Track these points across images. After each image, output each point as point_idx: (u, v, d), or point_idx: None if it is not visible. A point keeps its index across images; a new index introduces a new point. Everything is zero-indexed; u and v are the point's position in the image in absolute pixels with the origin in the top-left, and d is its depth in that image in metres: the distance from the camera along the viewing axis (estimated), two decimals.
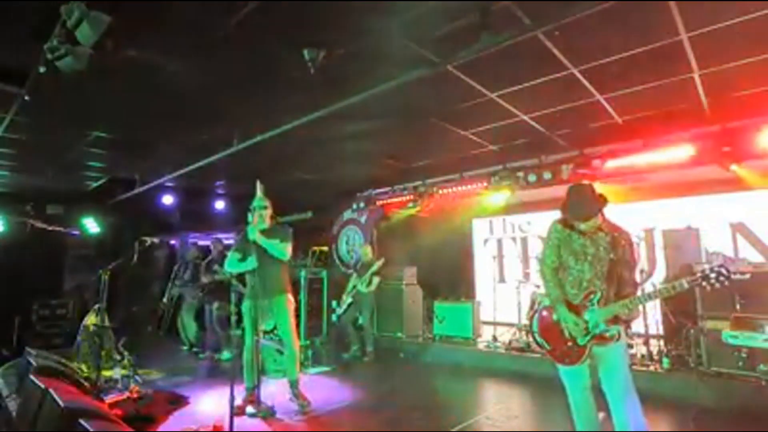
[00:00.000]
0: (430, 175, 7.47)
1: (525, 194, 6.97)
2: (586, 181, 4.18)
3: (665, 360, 4.91)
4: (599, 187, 2.99)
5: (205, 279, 6.88)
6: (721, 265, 2.53)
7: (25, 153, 5.96)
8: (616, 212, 2.85)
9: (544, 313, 3.01)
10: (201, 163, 5.85)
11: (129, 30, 2.91)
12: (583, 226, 2.80)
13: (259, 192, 4.44)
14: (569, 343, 2.80)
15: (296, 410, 4.18)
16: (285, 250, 4.28)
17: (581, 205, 2.79)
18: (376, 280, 6.79)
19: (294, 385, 4.32)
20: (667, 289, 2.64)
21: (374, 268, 6.76)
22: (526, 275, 8.07)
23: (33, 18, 2.82)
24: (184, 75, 3.76)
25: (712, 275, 2.51)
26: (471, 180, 7.08)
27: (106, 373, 5.13)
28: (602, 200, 2.78)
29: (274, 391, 4.57)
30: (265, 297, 4.20)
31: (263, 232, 4.23)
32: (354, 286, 6.90)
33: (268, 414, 4.08)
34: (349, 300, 6.86)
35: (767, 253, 6.14)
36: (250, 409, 4.17)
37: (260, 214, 4.29)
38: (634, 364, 4.86)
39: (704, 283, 2.54)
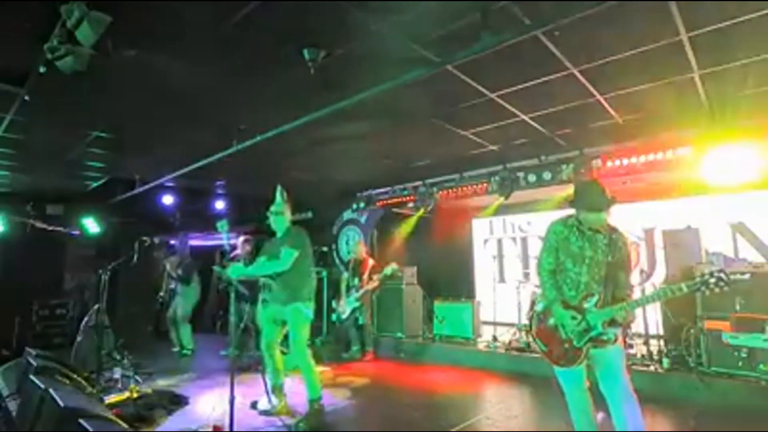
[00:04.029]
0: (430, 175, 7.48)
1: (525, 194, 6.97)
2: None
3: (665, 360, 4.91)
4: None
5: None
6: (720, 270, 2.53)
7: (25, 153, 5.96)
8: (616, 212, 2.84)
9: (542, 314, 3.01)
10: (201, 163, 5.85)
11: (129, 30, 2.91)
12: (591, 217, 2.77)
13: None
14: (566, 345, 2.80)
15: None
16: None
17: (591, 196, 2.77)
18: (376, 276, 6.78)
19: (310, 403, 4.00)
20: (665, 293, 2.64)
21: (387, 272, 6.71)
22: (526, 275, 8.07)
23: (33, 18, 2.82)
24: (184, 75, 3.76)
25: (712, 280, 2.51)
26: (471, 180, 7.08)
27: (106, 373, 5.14)
28: (612, 197, 2.76)
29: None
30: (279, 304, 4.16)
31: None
32: (348, 285, 6.88)
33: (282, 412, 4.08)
34: (354, 304, 6.75)
35: (767, 253, 6.14)
36: (261, 406, 4.19)
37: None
38: (634, 364, 4.87)
39: (703, 288, 2.53)
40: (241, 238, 7.08)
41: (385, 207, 8.37)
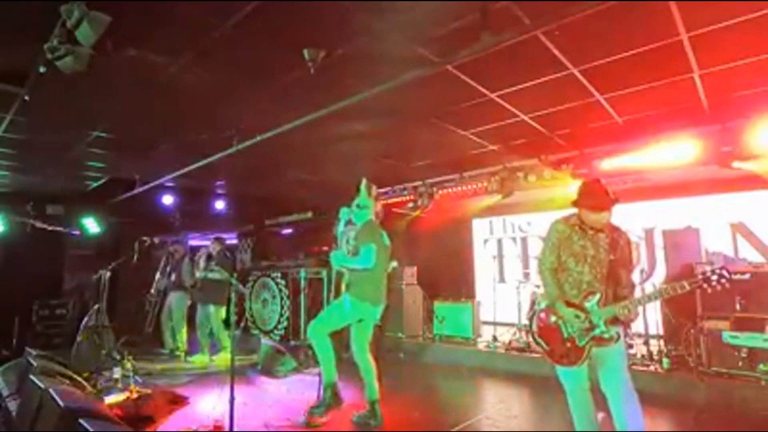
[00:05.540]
0: (430, 175, 7.47)
1: (525, 194, 6.96)
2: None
3: (665, 360, 4.90)
4: None
5: (199, 274, 6.65)
6: (722, 267, 2.54)
7: (25, 153, 5.95)
8: (616, 212, 2.85)
9: (543, 313, 3.01)
10: (201, 163, 5.85)
11: (129, 30, 2.91)
12: (593, 217, 2.78)
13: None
14: (568, 344, 2.80)
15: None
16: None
17: (593, 196, 2.79)
18: None
19: (370, 403, 4.01)
20: (667, 290, 2.64)
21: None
22: (526, 275, 8.07)
23: (33, 18, 2.81)
24: (183, 75, 3.76)
25: (714, 277, 2.52)
26: (471, 180, 7.08)
27: (106, 373, 5.14)
28: (614, 197, 2.78)
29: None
30: None
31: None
32: None
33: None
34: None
35: (767, 253, 6.14)
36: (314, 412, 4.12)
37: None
38: (634, 364, 4.87)
39: (705, 285, 2.54)
40: (214, 236, 7.12)
41: (385, 207, 8.37)
